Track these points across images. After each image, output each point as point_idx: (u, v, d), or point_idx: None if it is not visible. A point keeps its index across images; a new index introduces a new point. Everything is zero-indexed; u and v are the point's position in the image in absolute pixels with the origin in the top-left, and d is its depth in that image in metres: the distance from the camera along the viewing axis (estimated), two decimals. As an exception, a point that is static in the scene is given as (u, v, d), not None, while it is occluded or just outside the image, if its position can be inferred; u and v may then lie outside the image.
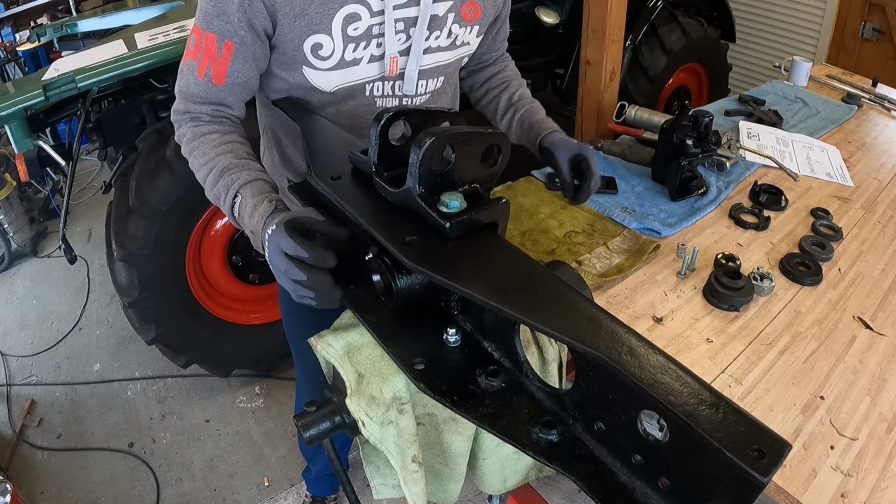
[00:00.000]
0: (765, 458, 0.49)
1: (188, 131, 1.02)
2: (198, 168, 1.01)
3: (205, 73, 0.98)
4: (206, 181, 0.99)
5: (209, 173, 0.98)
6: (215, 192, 0.98)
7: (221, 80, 0.99)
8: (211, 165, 0.98)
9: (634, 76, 2.97)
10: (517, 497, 1.59)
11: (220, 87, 1.00)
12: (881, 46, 3.51)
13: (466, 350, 0.82)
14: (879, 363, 1.07)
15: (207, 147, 1.00)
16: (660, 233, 1.35)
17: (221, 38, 0.95)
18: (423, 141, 0.71)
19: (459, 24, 1.07)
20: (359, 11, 0.97)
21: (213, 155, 0.99)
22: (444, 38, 1.07)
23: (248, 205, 0.93)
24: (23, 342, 2.79)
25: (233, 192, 0.96)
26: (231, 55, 0.97)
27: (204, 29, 0.96)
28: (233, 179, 0.96)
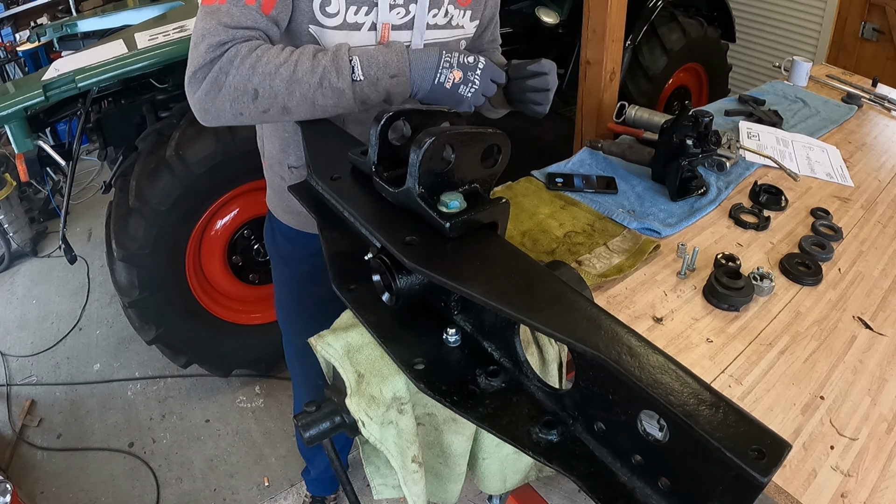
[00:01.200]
0: (765, 458, 0.49)
1: (241, 50, 0.93)
2: (274, 70, 0.93)
3: (256, 1, 0.94)
4: (294, 75, 0.93)
5: (296, 64, 0.93)
6: (317, 73, 0.94)
7: (269, 10, 0.96)
8: (295, 59, 0.94)
9: (634, 76, 2.97)
10: (517, 497, 1.59)
11: (265, 18, 0.96)
12: (881, 46, 3.51)
13: (466, 350, 0.82)
14: (879, 363, 1.07)
15: (277, 50, 0.95)
16: (660, 233, 1.35)
17: None
18: (423, 141, 0.71)
19: (454, 6, 1.12)
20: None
21: (289, 53, 0.94)
22: (442, 16, 1.11)
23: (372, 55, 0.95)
24: (23, 342, 2.79)
25: (344, 57, 0.94)
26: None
27: None
28: (334, 51, 0.95)
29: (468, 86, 0.98)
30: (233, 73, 0.91)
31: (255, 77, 0.92)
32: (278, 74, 0.92)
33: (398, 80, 0.97)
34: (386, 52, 0.96)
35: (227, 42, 0.92)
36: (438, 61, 0.97)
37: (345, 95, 0.96)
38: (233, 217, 2.22)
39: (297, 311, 1.47)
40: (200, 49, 0.92)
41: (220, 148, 1.95)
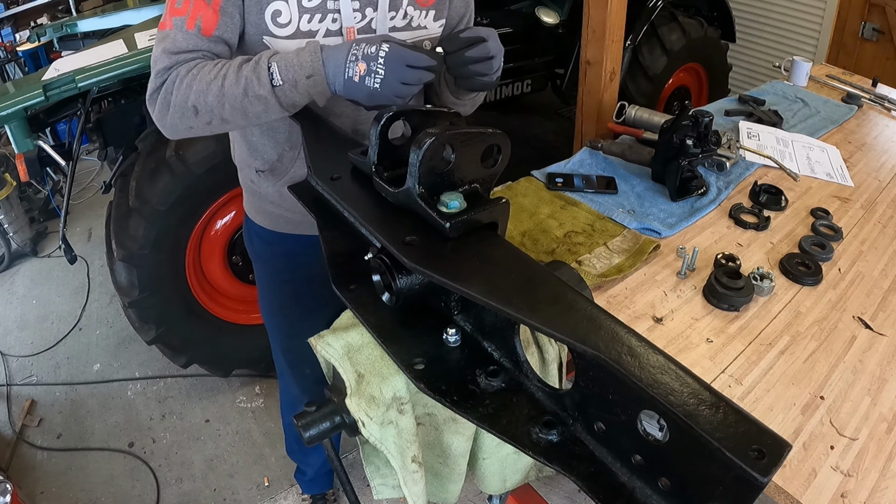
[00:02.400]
0: (765, 458, 0.49)
1: (181, 72, 1.00)
2: (206, 87, 0.98)
3: (195, 24, 0.99)
4: (223, 90, 0.97)
5: (224, 79, 0.97)
6: (241, 84, 0.96)
7: (210, 32, 0.99)
8: (223, 73, 0.97)
9: (634, 76, 2.97)
10: (517, 497, 1.59)
11: (208, 40, 1.00)
12: (881, 46, 3.51)
13: (466, 350, 0.82)
14: (879, 363, 1.07)
15: (210, 66, 0.99)
16: (660, 233, 1.35)
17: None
18: (423, 141, 0.71)
19: (414, 7, 1.10)
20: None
21: (220, 67, 0.98)
22: (400, 18, 1.10)
23: (289, 59, 0.95)
24: (23, 342, 2.79)
25: (263, 65, 0.95)
26: (220, 9, 0.99)
27: None
28: (256, 59, 0.96)
29: (373, 76, 0.94)
30: (175, 94, 0.99)
31: (192, 95, 0.98)
32: (210, 90, 0.97)
33: (314, 79, 0.96)
34: (301, 54, 0.96)
35: (172, 66, 1.00)
36: (346, 55, 0.95)
37: (269, 102, 0.98)
38: (233, 217, 2.22)
39: (276, 307, 1.49)
40: (152, 75, 1.02)
41: (220, 148, 1.95)
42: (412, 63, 0.94)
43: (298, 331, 1.49)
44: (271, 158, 1.21)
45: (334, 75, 0.96)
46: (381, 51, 0.93)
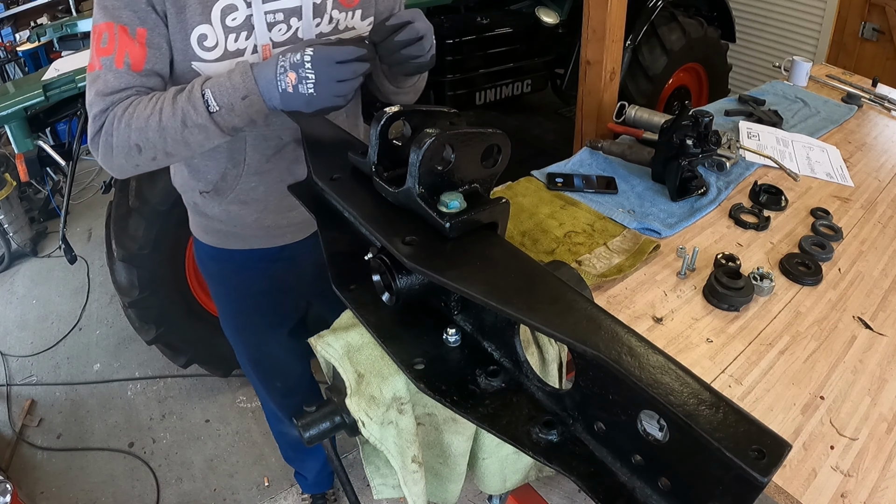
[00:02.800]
0: (765, 458, 0.49)
1: (117, 112, 0.99)
2: (145, 123, 0.97)
3: (123, 61, 0.97)
4: (161, 124, 0.96)
5: (161, 112, 0.96)
6: (178, 116, 0.95)
7: (140, 67, 0.98)
8: (159, 107, 0.96)
9: (634, 76, 2.97)
10: (517, 497, 1.59)
11: (139, 75, 0.99)
12: (881, 46, 3.51)
13: (466, 350, 0.82)
14: (879, 363, 1.07)
15: (145, 102, 0.98)
16: (660, 233, 1.35)
17: (133, 27, 0.97)
18: (423, 141, 0.71)
19: (339, 10, 1.09)
20: (235, 3, 0.99)
21: (154, 101, 0.97)
22: (326, 23, 1.08)
23: (221, 83, 0.94)
24: (23, 342, 2.79)
25: (197, 93, 0.95)
26: (146, 41, 0.98)
27: (115, 22, 0.96)
28: (189, 88, 0.96)
29: (305, 83, 0.92)
30: (115, 135, 0.99)
31: (133, 133, 0.98)
32: (149, 126, 0.97)
33: (250, 99, 0.95)
34: (233, 76, 0.95)
35: (107, 108, 0.99)
36: (275, 69, 0.94)
37: (209, 129, 0.97)
38: (233, 217, 2.22)
39: (239, 325, 1.47)
40: (90, 119, 1.01)
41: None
42: (341, 58, 0.93)
43: (263, 344, 1.50)
44: (214, 179, 1.18)
45: (268, 91, 0.94)
46: (305, 56, 0.92)
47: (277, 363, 1.56)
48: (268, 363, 1.55)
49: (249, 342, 1.50)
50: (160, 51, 1.00)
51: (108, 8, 0.97)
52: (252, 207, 1.21)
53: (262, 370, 1.56)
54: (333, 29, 1.10)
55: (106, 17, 0.97)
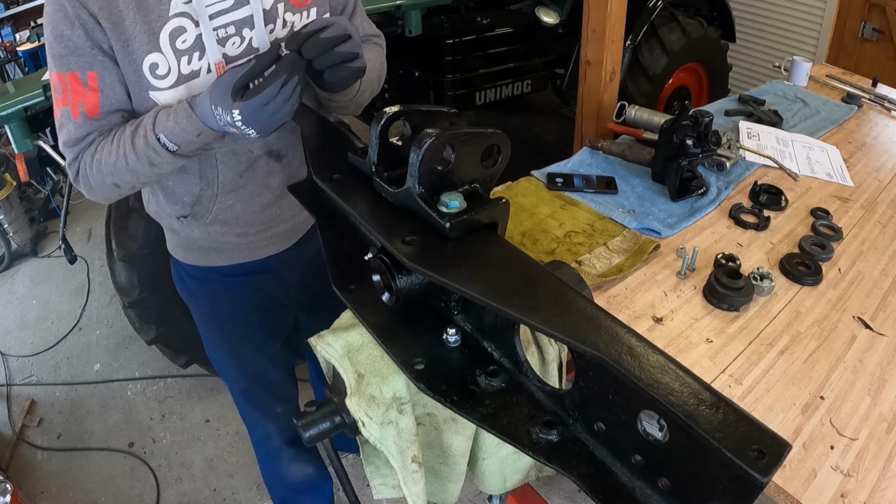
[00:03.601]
0: (765, 458, 0.49)
1: (86, 159, 1.01)
2: (114, 168, 0.99)
3: (79, 111, 0.97)
4: (130, 167, 0.98)
5: (126, 158, 0.97)
6: (143, 159, 0.97)
7: (96, 112, 0.98)
8: (122, 152, 0.97)
9: (634, 76, 2.97)
10: (517, 497, 1.59)
11: (97, 119, 0.99)
12: (881, 46, 3.51)
13: (466, 350, 0.82)
14: (879, 363, 1.07)
15: (108, 147, 0.99)
16: (660, 233, 1.35)
17: (83, 73, 0.95)
18: (423, 141, 0.71)
19: (292, 11, 1.06)
20: (183, 24, 0.96)
21: (115, 146, 0.98)
22: (280, 28, 1.05)
23: (170, 128, 0.94)
24: (23, 342, 2.79)
25: (152, 138, 0.95)
26: (98, 85, 0.97)
27: (64, 71, 0.95)
28: (144, 134, 0.96)
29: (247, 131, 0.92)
30: (91, 179, 1.02)
31: (107, 177, 1.01)
32: (118, 170, 0.99)
33: (204, 134, 0.95)
34: (179, 119, 0.94)
35: (77, 157, 1.02)
36: (214, 119, 0.92)
37: (175, 160, 0.99)
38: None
39: (228, 349, 1.43)
40: (66, 164, 1.04)
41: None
42: (269, 99, 0.89)
43: (258, 367, 1.45)
44: (190, 202, 1.15)
45: (218, 127, 0.94)
46: (234, 119, 0.90)
47: (274, 384, 1.51)
48: (265, 388, 1.51)
49: (241, 367, 1.45)
50: (114, 91, 0.98)
51: (56, 56, 0.95)
52: (232, 225, 1.19)
53: (260, 397, 1.52)
54: (288, 33, 1.06)
55: (56, 66, 0.96)
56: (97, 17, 0.92)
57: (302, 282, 1.35)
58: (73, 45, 0.93)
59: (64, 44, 0.93)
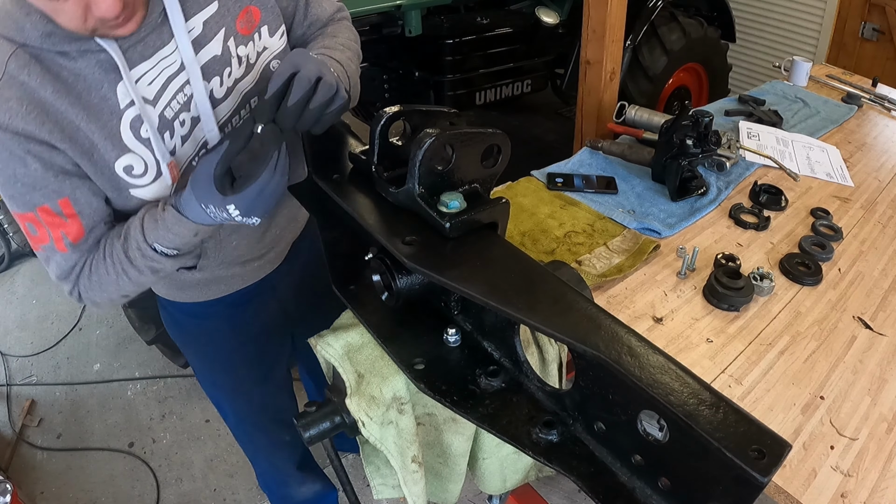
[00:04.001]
0: (765, 458, 0.49)
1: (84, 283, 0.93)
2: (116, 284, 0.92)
3: (64, 242, 0.88)
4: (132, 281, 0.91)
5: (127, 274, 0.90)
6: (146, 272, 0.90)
7: (82, 234, 0.89)
8: (120, 268, 0.90)
9: (634, 76, 2.97)
10: (517, 497, 1.59)
11: (84, 241, 0.90)
12: (881, 46, 3.51)
13: (466, 350, 0.82)
14: (879, 363, 1.07)
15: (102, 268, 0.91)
16: (660, 233, 1.35)
17: (53, 202, 0.85)
18: (423, 141, 0.71)
19: (244, 44, 0.95)
20: (138, 112, 0.86)
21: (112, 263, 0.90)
22: (237, 68, 0.95)
23: (163, 236, 0.87)
24: (23, 342, 2.79)
25: (148, 250, 0.88)
26: (74, 209, 0.87)
27: (32, 209, 0.85)
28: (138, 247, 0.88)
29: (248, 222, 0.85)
30: (97, 297, 0.94)
31: (111, 293, 0.94)
32: (121, 286, 0.92)
33: (202, 232, 0.89)
34: (169, 225, 0.87)
35: (74, 286, 0.93)
36: (209, 220, 0.85)
37: (179, 261, 0.94)
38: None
39: (232, 385, 1.36)
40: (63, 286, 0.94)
41: (220, 148, 1.95)
42: (265, 183, 0.81)
43: (264, 397, 1.40)
44: (194, 255, 1.08)
45: (215, 223, 0.87)
46: (232, 214, 0.82)
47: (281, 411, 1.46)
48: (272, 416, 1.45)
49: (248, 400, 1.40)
50: (91, 206, 0.88)
51: (17, 197, 0.84)
52: (236, 259, 1.14)
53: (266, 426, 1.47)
54: (247, 66, 0.96)
55: (20, 207, 0.85)
56: (51, 142, 0.81)
57: (297, 294, 1.31)
58: (33, 181, 0.82)
59: (22, 183, 0.82)
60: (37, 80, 0.79)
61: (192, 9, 0.88)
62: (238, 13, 0.93)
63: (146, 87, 0.86)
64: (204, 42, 0.90)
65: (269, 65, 1.00)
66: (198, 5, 0.89)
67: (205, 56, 0.90)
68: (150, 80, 0.86)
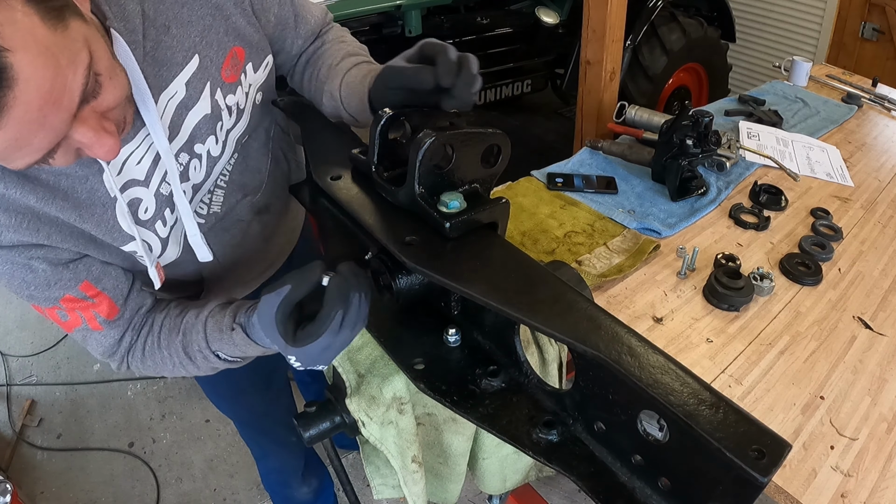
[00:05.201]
0: (765, 458, 0.49)
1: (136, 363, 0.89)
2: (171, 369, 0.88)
3: (98, 321, 0.83)
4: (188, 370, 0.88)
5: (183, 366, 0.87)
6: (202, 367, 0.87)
7: (116, 310, 0.83)
8: (178, 360, 0.86)
9: (634, 76, 2.97)
10: (517, 497, 1.59)
11: (121, 316, 0.84)
12: (881, 46, 3.51)
13: (466, 350, 0.82)
14: (879, 363, 1.07)
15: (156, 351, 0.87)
16: (660, 233, 1.35)
17: (74, 290, 0.79)
18: (423, 141, 0.71)
19: (232, 93, 0.88)
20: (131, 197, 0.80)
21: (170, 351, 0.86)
22: (228, 118, 0.89)
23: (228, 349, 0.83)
24: (23, 342, 2.79)
25: (210, 355, 0.84)
26: (97, 287, 0.81)
27: (55, 301, 0.79)
28: (200, 349, 0.84)
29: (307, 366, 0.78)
30: (149, 371, 0.90)
31: (163, 370, 0.89)
32: (176, 371, 0.89)
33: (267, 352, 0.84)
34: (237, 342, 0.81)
35: (122, 361, 0.88)
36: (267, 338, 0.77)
37: (239, 363, 0.89)
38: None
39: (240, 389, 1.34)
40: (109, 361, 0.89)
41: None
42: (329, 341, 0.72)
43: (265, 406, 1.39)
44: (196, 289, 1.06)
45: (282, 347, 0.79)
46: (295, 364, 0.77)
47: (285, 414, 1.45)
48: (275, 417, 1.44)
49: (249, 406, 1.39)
50: (116, 279, 0.83)
51: (35, 296, 0.78)
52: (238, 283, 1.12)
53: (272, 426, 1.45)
54: (238, 111, 0.90)
55: (42, 304, 0.79)
56: (50, 245, 0.75)
57: None
58: (46, 281, 0.77)
59: (35, 286, 0.77)
60: (16, 191, 0.70)
61: (169, 74, 0.79)
62: (223, 62, 0.85)
63: (135, 168, 0.79)
64: (190, 104, 0.82)
65: (254, 100, 0.94)
66: (175, 66, 0.79)
67: (193, 118, 0.83)
68: (137, 160, 0.79)
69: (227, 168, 0.95)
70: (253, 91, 0.93)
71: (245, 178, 0.99)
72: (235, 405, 1.40)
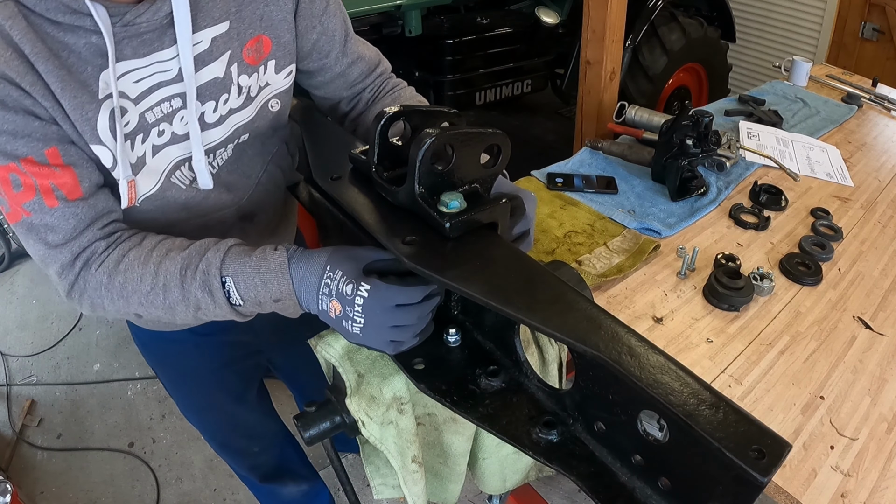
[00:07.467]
0: (765, 458, 0.49)
1: (99, 277, 0.78)
2: (145, 299, 0.78)
3: (54, 195, 0.73)
4: (168, 305, 0.78)
5: (165, 292, 0.77)
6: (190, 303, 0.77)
7: (79, 191, 0.76)
8: (161, 282, 0.77)
9: (634, 76, 2.97)
10: (517, 497, 1.59)
11: (84, 200, 0.76)
12: (881, 46, 3.51)
13: (466, 350, 0.82)
14: (879, 363, 1.07)
15: (138, 269, 0.77)
16: (660, 233, 1.35)
17: (41, 151, 0.72)
18: (423, 141, 0.71)
19: (248, 74, 0.87)
20: (118, 106, 0.77)
21: (153, 272, 0.77)
22: (235, 97, 0.88)
23: (249, 276, 0.76)
24: (23, 342, 2.79)
25: (215, 280, 0.76)
26: (64, 159, 0.74)
27: (14, 159, 0.72)
28: (204, 269, 0.76)
29: (349, 322, 0.73)
30: (107, 303, 0.80)
31: (132, 305, 0.80)
32: (151, 302, 0.78)
33: (283, 303, 0.77)
34: (265, 272, 0.75)
35: (72, 262, 0.78)
36: (318, 285, 0.74)
37: (227, 316, 0.80)
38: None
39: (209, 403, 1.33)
40: (52, 275, 0.80)
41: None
42: (405, 301, 0.72)
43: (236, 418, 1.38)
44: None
45: (307, 302, 0.76)
46: (357, 294, 0.71)
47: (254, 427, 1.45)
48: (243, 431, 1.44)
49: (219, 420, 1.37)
50: (86, 163, 0.77)
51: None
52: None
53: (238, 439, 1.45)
54: (246, 98, 0.89)
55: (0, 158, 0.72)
56: (32, 94, 0.71)
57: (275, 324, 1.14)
58: (13, 127, 0.71)
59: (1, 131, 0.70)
60: (18, 35, 0.69)
61: (203, 22, 0.81)
62: (248, 40, 0.86)
63: (132, 85, 0.78)
64: (208, 60, 0.83)
65: (269, 103, 0.93)
66: (210, 19, 0.81)
67: (205, 75, 0.83)
68: (137, 79, 0.78)
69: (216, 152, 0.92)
70: (268, 91, 0.93)
71: (233, 177, 0.97)
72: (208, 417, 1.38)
